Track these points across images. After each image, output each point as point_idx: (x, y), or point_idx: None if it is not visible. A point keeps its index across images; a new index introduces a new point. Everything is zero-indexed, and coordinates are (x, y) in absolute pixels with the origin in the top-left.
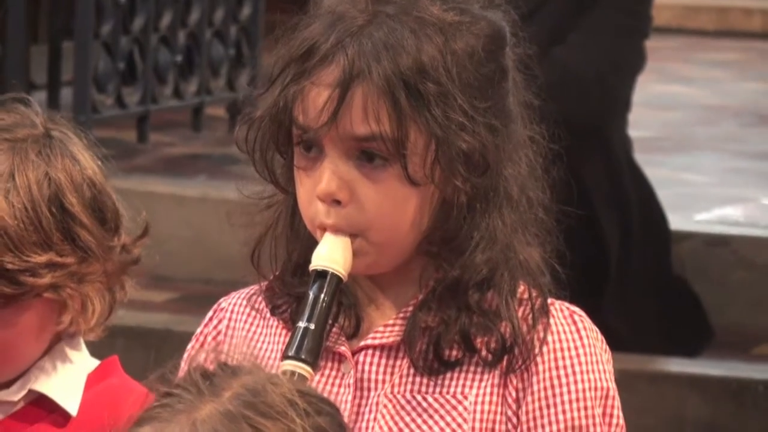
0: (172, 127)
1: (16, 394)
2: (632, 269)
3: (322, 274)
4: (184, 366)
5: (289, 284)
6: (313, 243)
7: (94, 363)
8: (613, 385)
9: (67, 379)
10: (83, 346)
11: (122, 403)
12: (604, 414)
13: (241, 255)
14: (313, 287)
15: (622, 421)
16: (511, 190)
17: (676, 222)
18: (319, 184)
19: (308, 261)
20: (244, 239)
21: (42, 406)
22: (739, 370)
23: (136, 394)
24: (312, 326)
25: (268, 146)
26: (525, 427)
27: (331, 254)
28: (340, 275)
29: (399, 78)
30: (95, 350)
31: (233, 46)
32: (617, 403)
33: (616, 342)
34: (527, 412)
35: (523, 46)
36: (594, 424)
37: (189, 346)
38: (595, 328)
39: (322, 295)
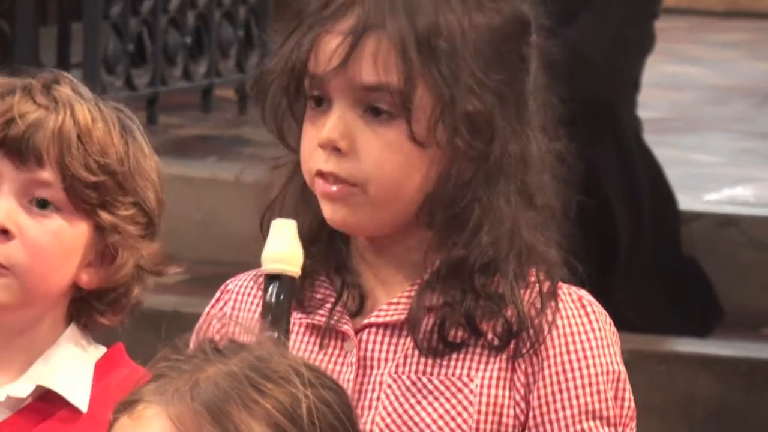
0: (181, 108)
1: (23, 391)
2: (642, 250)
3: (275, 277)
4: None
5: None
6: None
7: (100, 351)
8: (623, 368)
9: (75, 373)
10: (90, 337)
11: None
12: (615, 397)
13: (251, 236)
14: (268, 291)
15: (633, 404)
16: (517, 171)
17: (686, 202)
18: (322, 132)
19: (320, 228)
20: (254, 209)
21: (50, 401)
22: (749, 350)
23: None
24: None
25: (280, 102)
26: (537, 411)
27: (280, 251)
28: (293, 275)
29: (412, 33)
30: (103, 331)
31: (242, 28)
32: (628, 386)
33: (625, 323)
34: (539, 397)
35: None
36: (606, 408)
37: (197, 326)
38: (603, 311)
39: (280, 299)
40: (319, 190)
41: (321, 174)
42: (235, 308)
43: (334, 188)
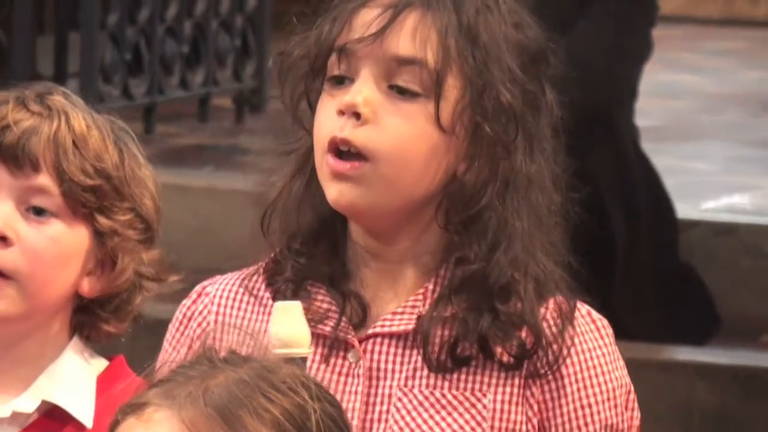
0: (178, 117)
1: (30, 406)
2: (640, 258)
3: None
4: (167, 348)
5: (296, 252)
6: (326, 210)
7: (102, 364)
8: (630, 381)
9: (79, 387)
10: (90, 349)
11: None
12: (626, 408)
13: (248, 245)
14: None
15: (639, 414)
16: (528, 186)
17: (683, 210)
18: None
19: (321, 228)
20: (251, 218)
21: (56, 417)
22: (747, 358)
23: None
24: None
25: (299, 83)
26: (562, 428)
27: (288, 335)
28: (304, 356)
29: (455, 19)
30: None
31: (239, 37)
32: (634, 396)
33: (623, 331)
34: (563, 414)
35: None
36: (622, 420)
37: (169, 335)
38: (608, 325)
39: None
40: (327, 169)
41: (334, 143)
42: (219, 312)
43: (347, 165)
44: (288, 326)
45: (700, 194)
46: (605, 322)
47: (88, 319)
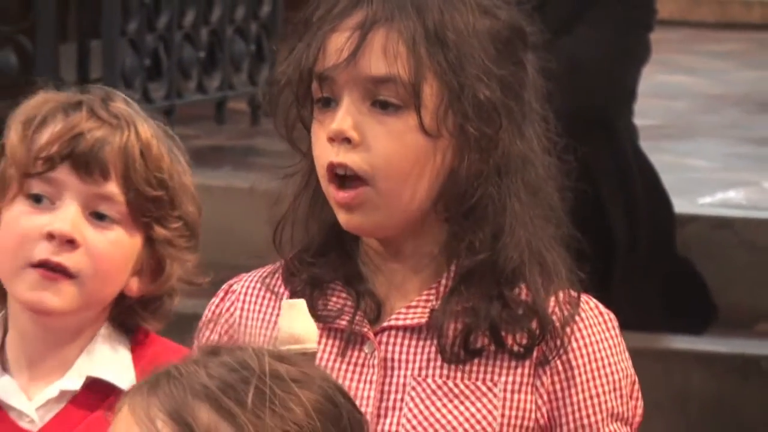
0: (196, 120)
1: (75, 384)
2: (639, 252)
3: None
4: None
5: (307, 264)
6: (333, 220)
7: (129, 337)
8: (634, 371)
9: (117, 361)
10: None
11: None
12: (630, 398)
13: (266, 242)
14: None
15: (642, 403)
16: (521, 168)
17: (681, 206)
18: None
19: (329, 239)
20: (267, 218)
21: (97, 391)
22: (743, 346)
23: (181, 354)
24: None
25: (290, 109)
26: (571, 417)
27: (297, 332)
28: (313, 351)
29: (421, 27)
30: None
31: (254, 43)
32: (638, 387)
33: (623, 321)
34: (572, 403)
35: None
36: (627, 410)
37: (202, 321)
38: (614, 316)
39: None
40: (333, 199)
41: (332, 168)
42: (243, 314)
43: (351, 195)
44: (295, 323)
45: (697, 190)
46: (612, 315)
47: (127, 313)
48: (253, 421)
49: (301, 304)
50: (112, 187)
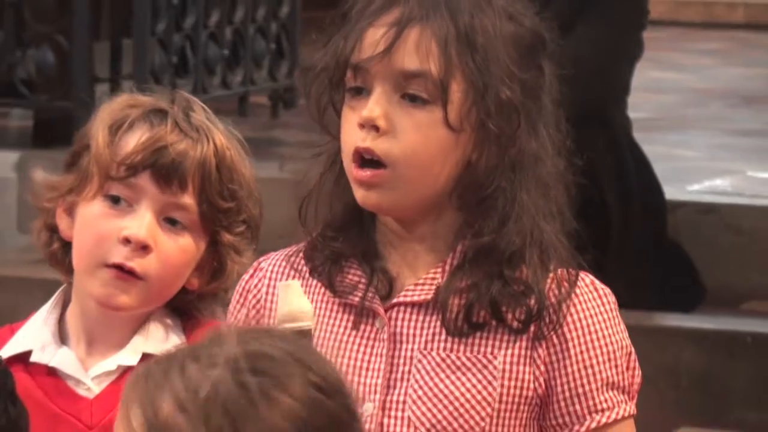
0: (220, 113)
1: (132, 359)
2: (632, 235)
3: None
4: (230, 317)
5: (330, 239)
6: (354, 199)
7: (185, 318)
8: (630, 343)
9: (171, 340)
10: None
11: None
12: (627, 368)
13: (286, 225)
14: None
15: (640, 373)
16: (533, 165)
17: (671, 192)
18: (363, 112)
19: (350, 217)
20: (287, 202)
21: None
22: (729, 323)
23: None
24: None
25: (323, 94)
26: (566, 386)
27: (292, 311)
28: (309, 328)
29: (453, 28)
30: None
31: (274, 41)
32: (635, 358)
33: (618, 300)
34: (567, 374)
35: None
36: (622, 379)
37: (231, 306)
38: (611, 293)
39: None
40: (353, 175)
41: (358, 152)
42: (270, 285)
43: (368, 174)
44: (291, 302)
45: (686, 178)
46: (608, 290)
47: (185, 304)
48: (205, 419)
49: (296, 284)
50: (188, 198)
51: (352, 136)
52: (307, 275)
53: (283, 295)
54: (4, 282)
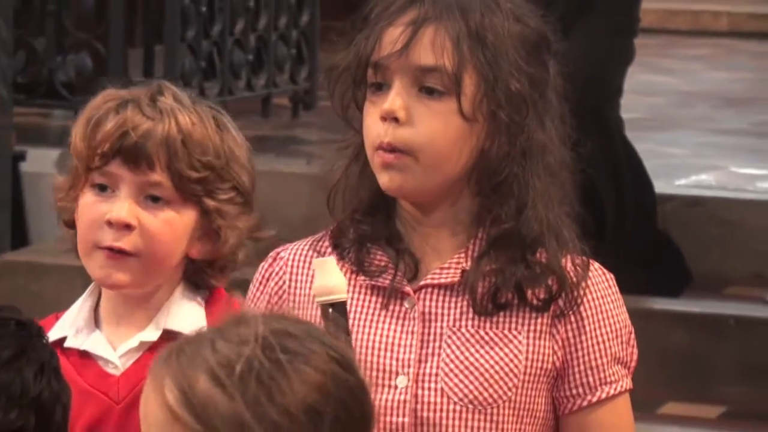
0: (244, 114)
1: (153, 336)
2: (625, 226)
3: (331, 304)
4: (249, 303)
5: (358, 222)
6: (378, 186)
7: (205, 294)
8: (631, 323)
9: (192, 316)
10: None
11: None
12: (628, 344)
13: (302, 217)
14: (329, 313)
15: (636, 350)
16: (541, 153)
17: (660, 187)
18: (384, 106)
19: (375, 202)
20: (305, 195)
21: (172, 340)
22: (714, 307)
23: None
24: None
25: (346, 90)
26: (582, 360)
27: (328, 285)
28: (343, 300)
29: (465, 26)
30: None
31: (294, 47)
32: (634, 336)
33: None
34: (582, 348)
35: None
36: (627, 355)
37: (250, 293)
38: (613, 277)
39: (339, 317)
40: (378, 160)
41: (381, 146)
42: (292, 279)
43: (393, 156)
44: (327, 277)
45: (674, 173)
46: (612, 275)
47: (197, 273)
48: (242, 391)
49: (331, 260)
50: (158, 175)
51: (375, 129)
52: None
53: (320, 270)
54: (47, 270)
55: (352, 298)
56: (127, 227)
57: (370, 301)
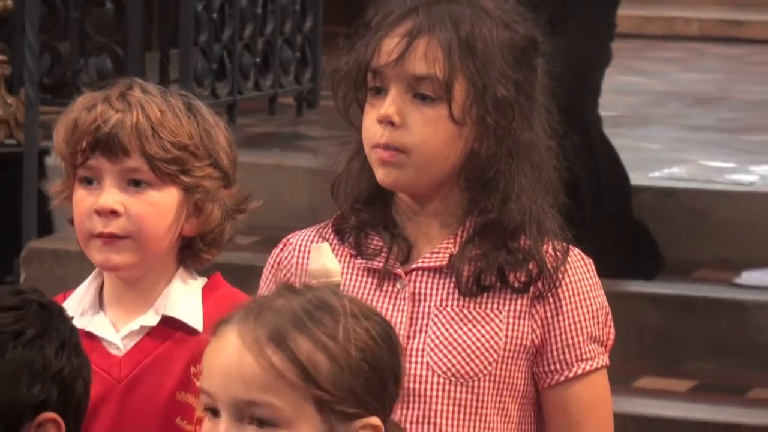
0: (253, 112)
1: (153, 320)
2: (603, 214)
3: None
4: (262, 286)
5: (358, 210)
6: (376, 180)
7: (203, 281)
8: (608, 305)
9: (189, 302)
10: (194, 273)
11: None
12: (605, 325)
13: (306, 208)
14: None
15: (613, 331)
16: (528, 151)
17: (635, 178)
18: (380, 110)
19: (374, 193)
20: (308, 188)
21: (171, 325)
22: (684, 289)
23: (242, 299)
24: None
25: (348, 92)
26: (559, 338)
27: (324, 268)
28: (337, 282)
29: (456, 37)
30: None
31: (299, 51)
32: (611, 318)
33: None
34: (559, 327)
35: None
36: (603, 334)
37: (263, 277)
38: (591, 261)
39: None
40: (375, 158)
41: (377, 145)
42: (300, 257)
43: (387, 153)
44: (322, 261)
45: (648, 166)
46: (590, 260)
47: (190, 250)
48: (342, 351)
49: (326, 246)
50: (135, 161)
51: (373, 130)
52: (335, 244)
53: (315, 255)
54: (70, 256)
55: (350, 279)
56: (114, 213)
57: (365, 282)
